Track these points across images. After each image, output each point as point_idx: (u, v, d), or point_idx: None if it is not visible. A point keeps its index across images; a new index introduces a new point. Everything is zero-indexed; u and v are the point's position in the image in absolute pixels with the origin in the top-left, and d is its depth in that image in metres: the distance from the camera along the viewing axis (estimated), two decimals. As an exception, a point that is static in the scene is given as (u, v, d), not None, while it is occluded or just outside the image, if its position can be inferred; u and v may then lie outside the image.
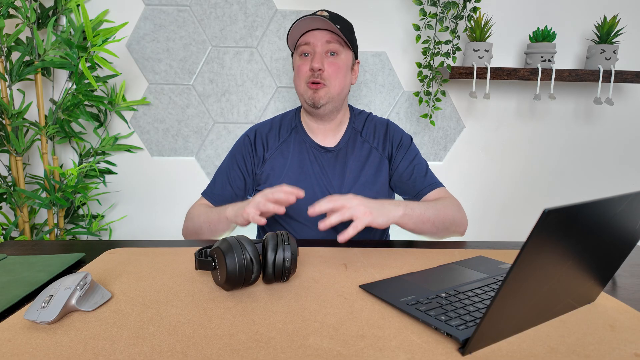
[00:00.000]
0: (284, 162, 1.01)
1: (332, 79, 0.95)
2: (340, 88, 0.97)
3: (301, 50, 0.97)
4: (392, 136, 1.04)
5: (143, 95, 1.49)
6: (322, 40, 0.95)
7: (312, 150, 1.02)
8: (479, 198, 1.62)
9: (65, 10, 1.34)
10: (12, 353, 0.44)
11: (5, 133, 1.32)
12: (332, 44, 0.95)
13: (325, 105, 0.97)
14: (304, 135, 1.04)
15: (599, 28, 1.40)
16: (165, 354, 0.44)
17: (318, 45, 0.95)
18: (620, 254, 0.53)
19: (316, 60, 0.93)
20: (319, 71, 0.94)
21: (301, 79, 0.97)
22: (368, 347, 0.46)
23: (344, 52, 0.98)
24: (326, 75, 0.95)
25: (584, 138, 1.58)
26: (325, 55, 0.96)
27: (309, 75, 0.95)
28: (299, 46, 0.97)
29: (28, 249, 0.81)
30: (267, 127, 1.06)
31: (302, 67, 0.97)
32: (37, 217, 1.51)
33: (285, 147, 1.03)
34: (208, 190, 1.04)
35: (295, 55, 1.00)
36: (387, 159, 1.03)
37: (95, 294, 0.56)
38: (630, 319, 0.53)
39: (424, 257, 0.76)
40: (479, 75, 1.38)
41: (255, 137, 1.04)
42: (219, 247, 0.58)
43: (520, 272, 0.40)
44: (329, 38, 0.95)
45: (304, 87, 0.97)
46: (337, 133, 1.04)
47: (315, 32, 0.95)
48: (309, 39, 0.95)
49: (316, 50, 0.95)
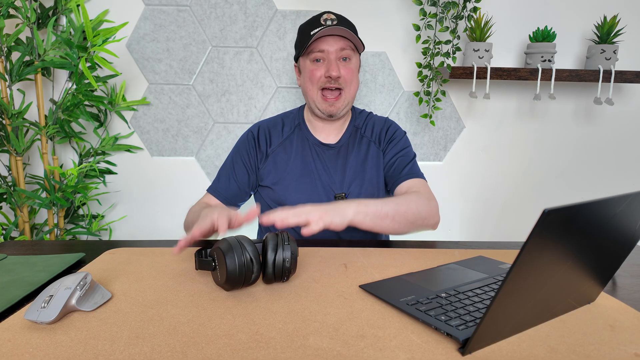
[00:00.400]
0: (287, 159, 1.02)
1: (347, 84, 0.98)
2: (354, 91, 1.01)
3: (314, 57, 0.97)
4: (387, 129, 1.06)
5: (143, 95, 1.49)
6: (336, 47, 0.96)
7: (314, 147, 1.04)
8: (479, 198, 1.62)
9: (65, 10, 1.34)
10: (12, 353, 0.44)
11: (5, 133, 1.32)
12: (345, 50, 0.97)
13: (341, 112, 1.00)
14: (307, 133, 1.05)
15: (599, 28, 1.40)
16: (165, 354, 0.44)
17: (332, 52, 0.96)
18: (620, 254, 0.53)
19: (334, 69, 0.95)
20: (337, 78, 0.96)
21: (314, 84, 0.98)
22: (368, 347, 0.46)
23: (355, 56, 1.00)
24: (342, 81, 0.97)
25: (584, 138, 1.58)
26: (338, 60, 0.97)
27: (324, 81, 0.97)
28: (312, 52, 0.97)
29: (28, 249, 0.81)
30: (270, 124, 1.07)
31: (315, 73, 0.97)
32: (37, 217, 1.51)
33: (289, 144, 1.04)
34: (213, 186, 1.04)
35: (306, 59, 1.00)
36: (382, 152, 1.04)
37: (95, 294, 0.56)
38: (630, 319, 0.53)
39: (424, 257, 0.76)
40: (479, 75, 1.38)
41: (259, 132, 1.05)
42: (219, 247, 0.58)
43: (520, 272, 0.40)
44: (342, 45, 0.96)
45: (317, 95, 0.99)
46: (340, 131, 1.06)
47: (328, 39, 0.96)
48: (323, 46, 0.96)
49: (330, 57, 0.96)
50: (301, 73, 1.03)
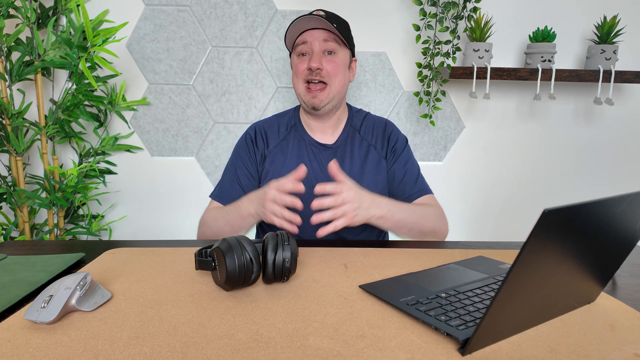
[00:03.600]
0: (284, 160, 1.02)
1: (332, 77, 0.96)
2: (340, 86, 0.98)
3: (299, 50, 0.98)
4: (389, 136, 1.05)
5: (143, 95, 1.49)
6: (319, 39, 0.95)
7: (311, 148, 1.03)
8: (479, 198, 1.62)
9: (65, 10, 1.34)
10: (12, 353, 0.44)
11: (5, 133, 1.32)
12: (329, 42, 0.96)
13: (326, 106, 0.98)
14: (303, 133, 1.04)
15: (599, 28, 1.40)
16: (165, 354, 0.44)
17: (315, 44, 0.95)
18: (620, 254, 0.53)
19: (314, 60, 0.94)
20: (318, 70, 0.95)
21: (299, 77, 0.98)
22: (368, 347, 0.46)
23: (341, 50, 0.99)
24: (325, 74, 0.95)
25: (584, 138, 1.58)
26: (323, 54, 0.96)
27: (307, 74, 0.96)
28: (297, 46, 0.98)
29: (28, 249, 0.81)
30: (266, 124, 1.07)
31: (299, 66, 0.97)
32: (37, 217, 1.51)
33: (285, 145, 1.04)
34: (217, 193, 1.03)
35: (293, 55, 1.01)
36: (384, 158, 1.03)
37: (95, 294, 0.56)
38: (630, 319, 0.53)
39: (424, 257, 0.76)
40: (479, 76, 1.38)
41: (256, 133, 1.05)
42: (218, 247, 0.58)
43: (520, 272, 0.40)
44: (325, 37, 0.95)
45: (302, 87, 0.98)
46: (336, 130, 1.05)
47: (312, 32, 0.96)
48: (306, 38, 0.96)
49: (314, 49, 0.96)
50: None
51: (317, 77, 0.95)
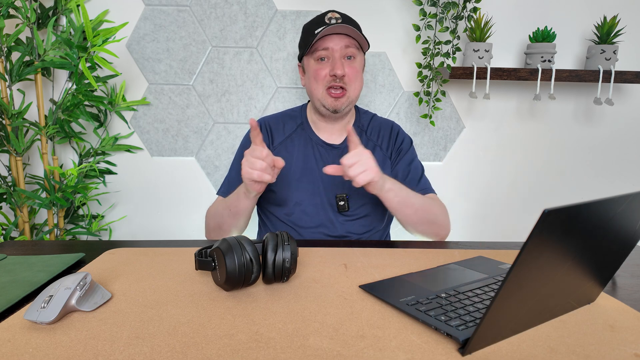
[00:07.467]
0: (289, 158, 1.02)
1: (352, 83, 0.97)
2: (358, 90, 1.00)
3: (318, 55, 0.97)
4: (395, 136, 1.06)
5: (143, 96, 1.49)
6: (340, 45, 0.95)
7: (318, 148, 1.03)
8: (479, 198, 1.62)
9: (65, 11, 1.34)
10: (12, 353, 0.44)
11: (5, 133, 1.32)
12: (350, 48, 0.96)
13: (344, 109, 0.99)
14: (310, 132, 1.05)
15: (599, 28, 1.40)
16: (165, 354, 0.44)
17: (337, 50, 0.95)
18: (620, 254, 0.53)
19: (339, 67, 0.94)
20: (342, 77, 0.95)
21: (319, 83, 0.97)
22: (368, 347, 0.46)
23: (359, 54, 1.00)
24: (347, 80, 0.96)
25: (584, 138, 1.58)
26: (343, 59, 0.97)
27: (329, 80, 0.96)
28: (316, 50, 0.97)
29: (28, 249, 0.81)
30: (271, 121, 1.07)
31: (320, 72, 0.97)
32: (37, 217, 1.51)
33: (290, 143, 1.04)
34: (223, 188, 1.04)
35: (310, 58, 0.99)
36: (389, 159, 1.04)
37: (95, 294, 0.56)
38: (630, 319, 0.53)
39: (424, 257, 0.76)
40: (479, 76, 1.38)
41: (261, 128, 1.05)
42: (218, 247, 0.58)
43: (520, 272, 0.40)
44: (347, 43, 0.96)
45: (322, 92, 0.98)
46: (343, 131, 1.06)
47: (333, 37, 0.95)
48: (327, 44, 0.95)
49: (335, 55, 0.96)
50: (305, 73, 1.03)
51: (340, 83, 0.96)
